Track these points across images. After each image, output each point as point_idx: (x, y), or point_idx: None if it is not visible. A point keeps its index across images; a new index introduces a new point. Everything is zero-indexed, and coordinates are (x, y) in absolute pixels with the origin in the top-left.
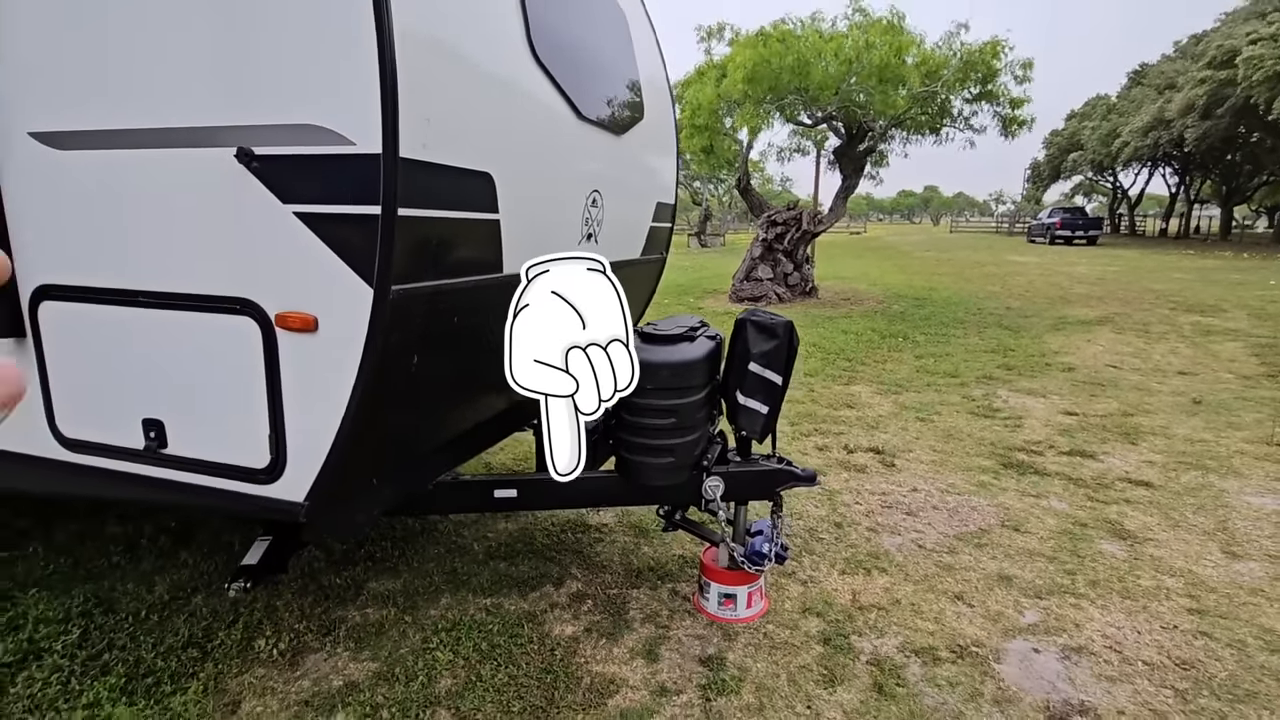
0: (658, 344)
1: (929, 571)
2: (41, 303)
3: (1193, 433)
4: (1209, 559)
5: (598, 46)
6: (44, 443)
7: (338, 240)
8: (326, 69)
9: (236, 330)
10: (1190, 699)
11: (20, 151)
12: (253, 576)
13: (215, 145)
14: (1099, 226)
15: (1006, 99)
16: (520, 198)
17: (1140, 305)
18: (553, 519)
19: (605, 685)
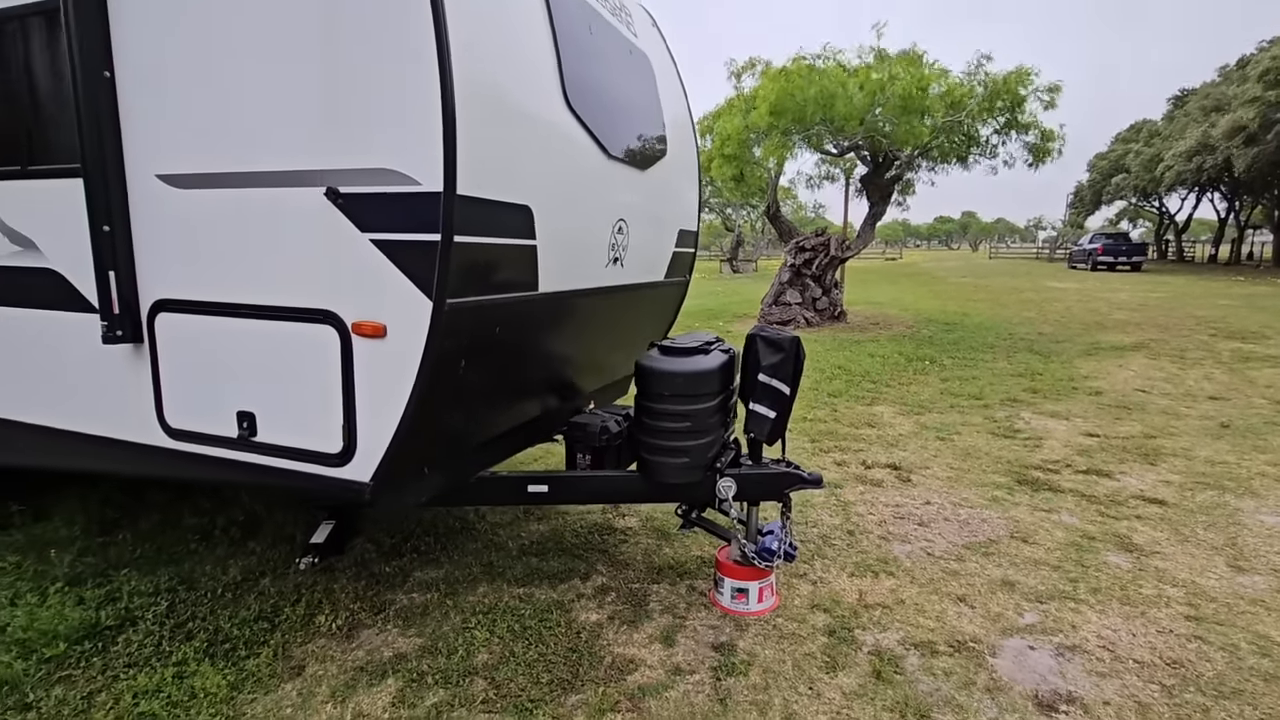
0: (675, 356)
1: (935, 576)
2: (158, 314)
3: (1215, 455)
4: (1213, 572)
5: (623, 91)
6: (153, 432)
7: (405, 262)
8: (400, 123)
9: (319, 336)
10: (1176, 694)
11: (147, 190)
12: (320, 553)
13: (308, 185)
14: (1143, 252)
15: (1036, 129)
16: (554, 226)
17: (1179, 331)
18: (581, 522)
19: (625, 664)
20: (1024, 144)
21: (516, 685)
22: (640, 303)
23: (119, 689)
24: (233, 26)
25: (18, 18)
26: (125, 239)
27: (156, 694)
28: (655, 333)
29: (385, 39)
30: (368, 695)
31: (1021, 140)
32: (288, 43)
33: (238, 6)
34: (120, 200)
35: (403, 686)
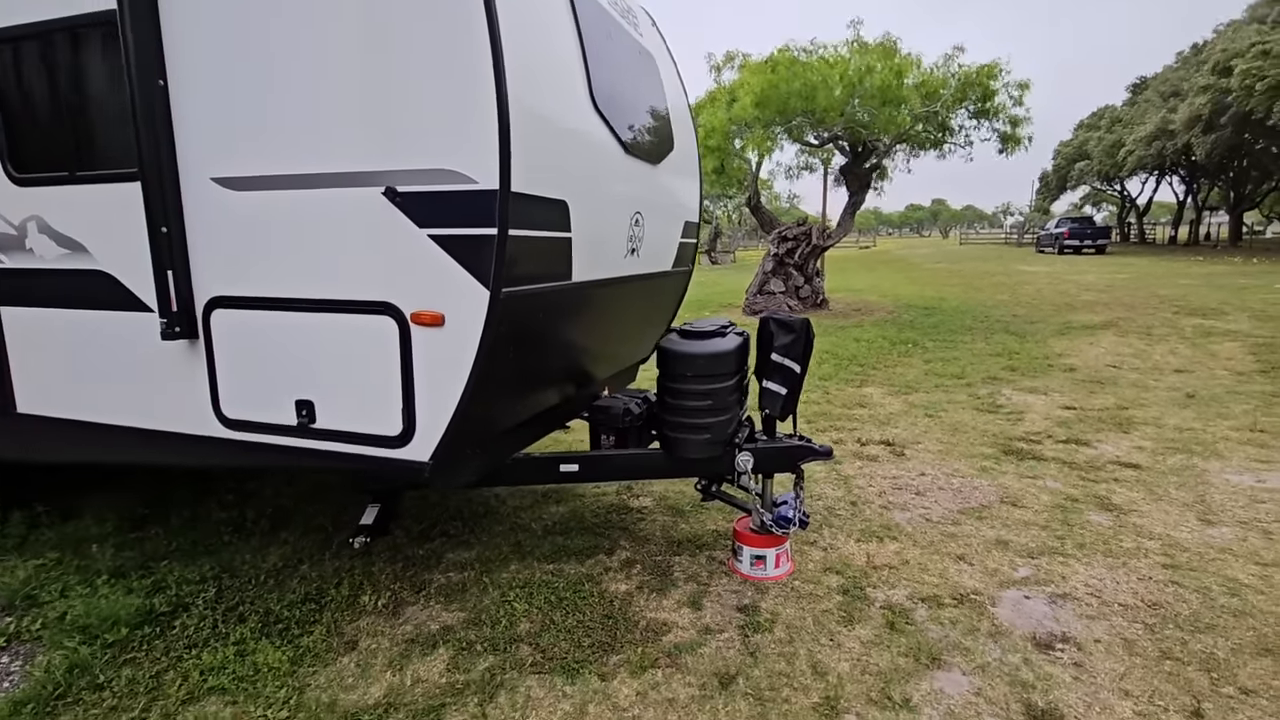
0: (695, 339)
1: (934, 538)
2: (214, 311)
3: (1183, 423)
4: (1186, 526)
5: (636, 89)
6: (210, 424)
7: (462, 254)
8: (458, 128)
9: (379, 327)
10: (1157, 630)
11: (202, 192)
12: (369, 533)
13: (367, 185)
14: (1107, 235)
15: (1005, 117)
16: (585, 219)
17: (1145, 310)
18: (598, 503)
19: (659, 627)
20: (994, 130)
21: (560, 649)
22: (651, 291)
23: (185, 667)
24: (287, 37)
25: (69, 29)
26: (181, 240)
27: (222, 670)
28: (664, 320)
29: (442, 48)
30: (422, 664)
31: (992, 127)
32: (343, 52)
33: (293, 20)
34: (175, 203)
35: (454, 655)
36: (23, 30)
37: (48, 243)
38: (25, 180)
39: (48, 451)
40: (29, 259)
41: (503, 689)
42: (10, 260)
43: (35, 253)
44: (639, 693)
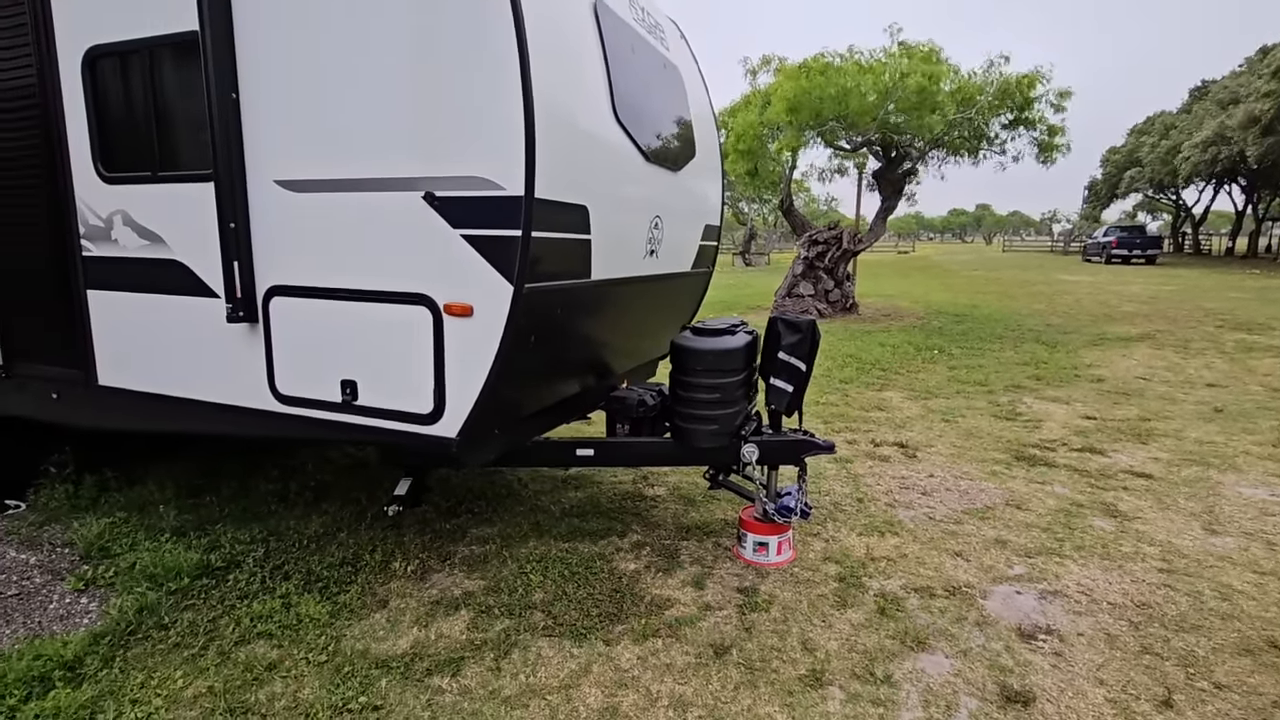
0: (706, 336)
1: (935, 535)
2: (272, 298)
3: (1205, 436)
4: (1189, 534)
5: (659, 101)
6: (265, 399)
7: (491, 252)
8: (489, 140)
9: (415, 316)
10: (1141, 628)
11: (267, 193)
12: (402, 503)
13: (409, 190)
14: (1158, 245)
15: (1043, 125)
16: (604, 222)
17: (1186, 323)
18: (614, 490)
19: (662, 602)
20: (1031, 139)
21: (570, 617)
22: (670, 290)
23: (237, 614)
24: (342, 58)
25: (157, 47)
26: (246, 234)
27: (269, 619)
28: (682, 318)
29: (478, 70)
30: (445, 622)
31: (1029, 136)
32: (389, 72)
33: (347, 43)
34: (243, 201)
35: (474, 616)
36: (116, 47)
37: (130, 234)
38: (113, 179)
39: (122, 420)
40: (114, 248)
41: (516, 648)
42: (98, 249)
43: (119, 243)
44: (639, 657)
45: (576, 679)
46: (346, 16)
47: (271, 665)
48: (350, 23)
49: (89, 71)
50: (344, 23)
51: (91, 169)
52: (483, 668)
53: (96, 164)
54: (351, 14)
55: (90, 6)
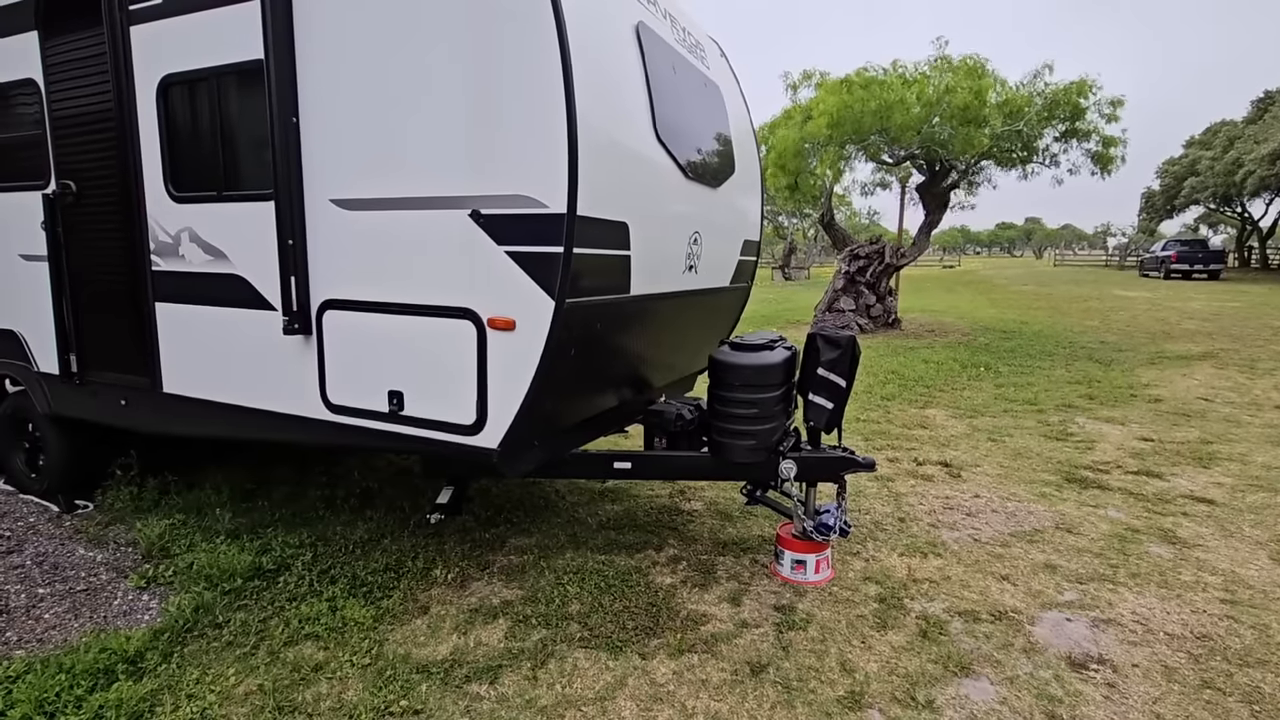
0: (745, 352)
1: (980, 558)
2: (325, 312)
3: (1273, 460)
4: (1255, 564)
5: (699, 119)
6: (317, 408)
7: (533, 269)
8: (534, 159)
9: (460, 329)
10: (1202, 661)
11: (323, 212)
12: (444, 511)
13: (456, 208)
14: (1221, 260)
15: (1098, 136)
16: (644, 238)
17: (1253, 342)
18: (651, 504)
19: (699, 618)
20: (1086, 152)
21: (606, 630)
22: (709, 305)
23: (287, 615)
24: (395, 83)
25: (223, 75)
26: (303, 250)
27: (317, 620)
28: (721, 333)
29: (523, 92)
30: (484, 630)
31: (1083, 148)
32: (440, 95)
33: (401, 69)
34: (300, 220)
35: (512, 625)
36: (186, 75)
37: (196, 250)
38: (182, 198)
39: (184, 426)
40: (180, 263)
41: (553, 658)
42: (166, 264)
43: (186, 258)
44: (675, 672)
45: (612, 691)
46: (401, 43)
47: (318, 666)
48: (404, 49)
49: (162, 98)
50: (398, 49)
51: (163, 189)
52: (520, 676)
53: (167, 184)
54: (406, 41)
55: (166, 37)
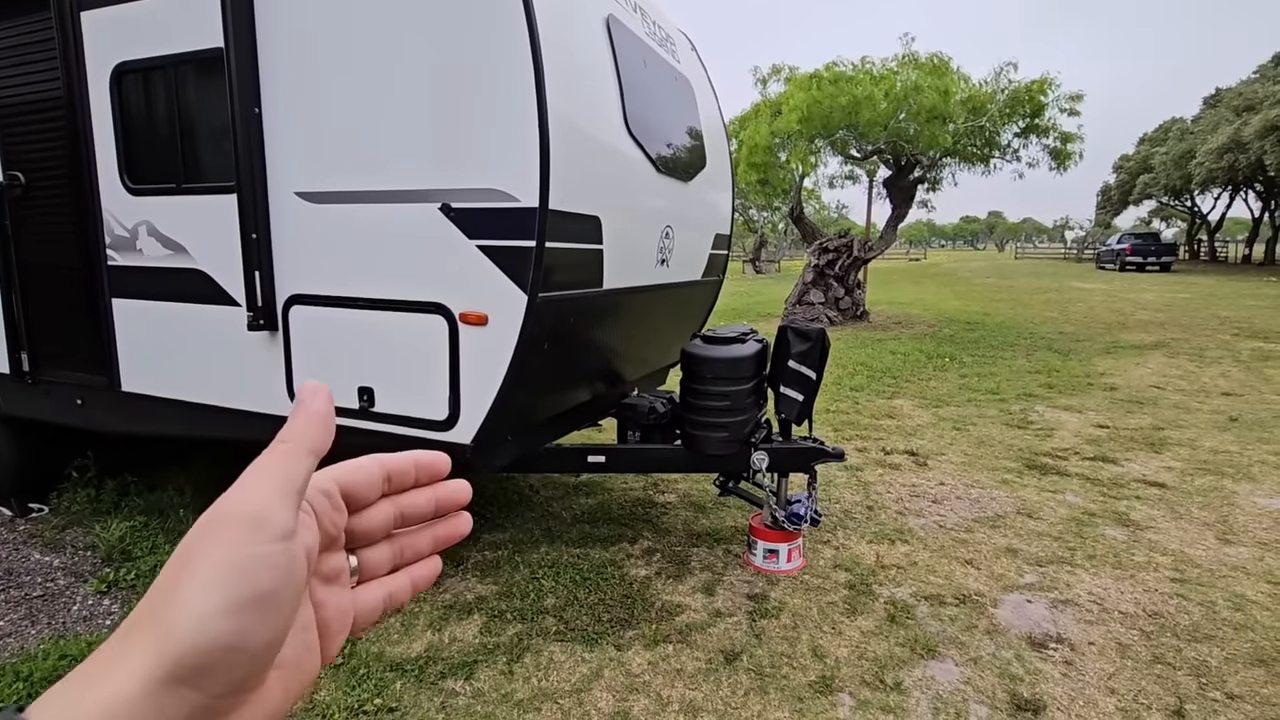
0: (716, 344)
1: (945, 544)
2: (292, 306)
3: (1219, 445)
4: (1202, 544)
5: (671, 114)
6: (284, 405)
7: (505, 263)
8: (504, 153)
9: (431, 324)
10: (1153, 637)
11: (287, 204)
12: None
13: (426, 201)
14: (1173, 252)
15: (1056, 133)
16: (616, 232)
17: (1201, 331)
18: (625, 497)
19: (673, 608)
20: (1044, 147)
21: (581, 622)
22: (681, 299)
23: None
24: (362, 73)
25: (182, 63)
26: (267, 244)
27: None
28: (693, 326)
29: (494, 85)
30: (459, 626)
31: (1042, 144)
32: (408, 87)
33: (367, 59)
34: (264, 213)
35: (486, 621)
36: (142, 63)
37: (155, 244)
38: (139, 190)
39: (144, 425)
40: (138, 258)
41: (528, 651)
42: (122, 259)
43: (144, 253)
44: (650, 663)
45: (588, 683)
46: (367, 34)
47: None
48: (371, 39)
49: (116, 87)
50: (365, 40)
51: (118, 180)
52: (495, 671)
53: (122, 176)
54: (372, 32)
55: (119, 24)
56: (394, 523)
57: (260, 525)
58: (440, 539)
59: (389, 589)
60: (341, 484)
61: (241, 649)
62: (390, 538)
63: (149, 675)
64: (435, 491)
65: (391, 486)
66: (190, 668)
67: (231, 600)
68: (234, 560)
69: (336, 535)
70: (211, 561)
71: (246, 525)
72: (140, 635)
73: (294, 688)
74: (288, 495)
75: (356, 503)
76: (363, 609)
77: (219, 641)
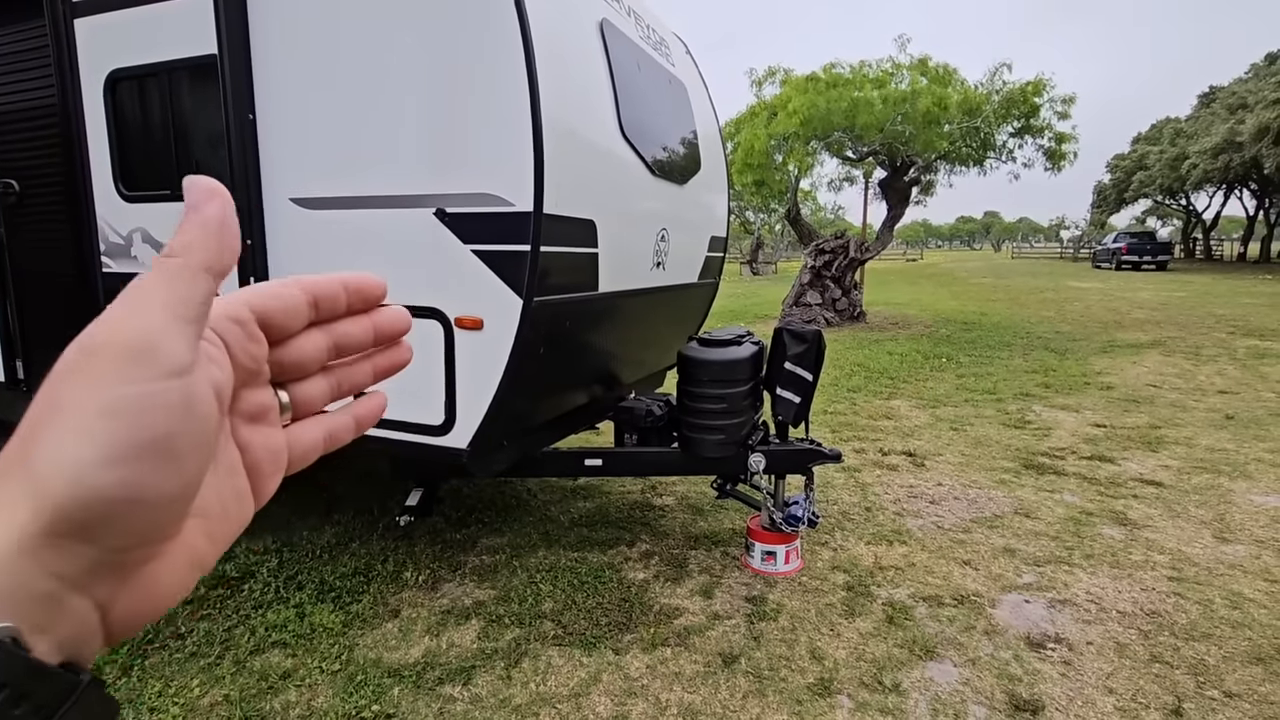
0: (713, 347)
1: (943, 544)
2: None
3: (1216, 443)
4: (1199, 542)
5: (665, 117)
6: None
7: (500, 267)
8: (498, 157)
9: (427, 329)
10: (1151, 636)
11: (282, 210)
12: (414, 513)
13: (420, 207)
14: (1168, 251)
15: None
16: (612, 236)
17: (1197, 330)
18: (622, 500)
19: (671, 611)
20: (1039, 148)
21: (579, 626)
22: (677, 302)
23: (253, 623)
24: (355, 80)
25: (176, 70)
26: (262, 250)
27: (284, 628)
28: (689, 328)
29: (487, 90)
30: (456, 632)
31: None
32: (402, 92)
33: (361, 65)
34: (259, 219)
35: (484, 626)
36: (135, 71)
37: (150, 251)
38: (134, 198)
39: None
40: (133, 264)
41: (526, 656)
42: (117, 265)
43: (139, 260)
44: (649, 666)
45: (586, 688)
46: (361, 40)
47: (286, 674)
48: (364, 46)
49: (110, 94)
50: (358, 46)
51: (112, 188)
52: (493, 676)
53: (117, 183)
54: (366, 38)
55: (113, 31)
56: (328, 354)
57: (145, 358)
58: (381, 369)
59: (328, 427)
60: (257, 310)
61: (138, 500)
62: (326, 370)
63: (24, 530)
64: (372, 319)
65: (319, 314)
66: (76, 522)
67: (115, 448)
68: (117, 398)
69: (257, 369)
70: (88, 400)
71: (128, 358)
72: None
73: (222, 534)
74: (181, 321)
75: (278, 332)
76: (298, 448)
77: (103, 494)
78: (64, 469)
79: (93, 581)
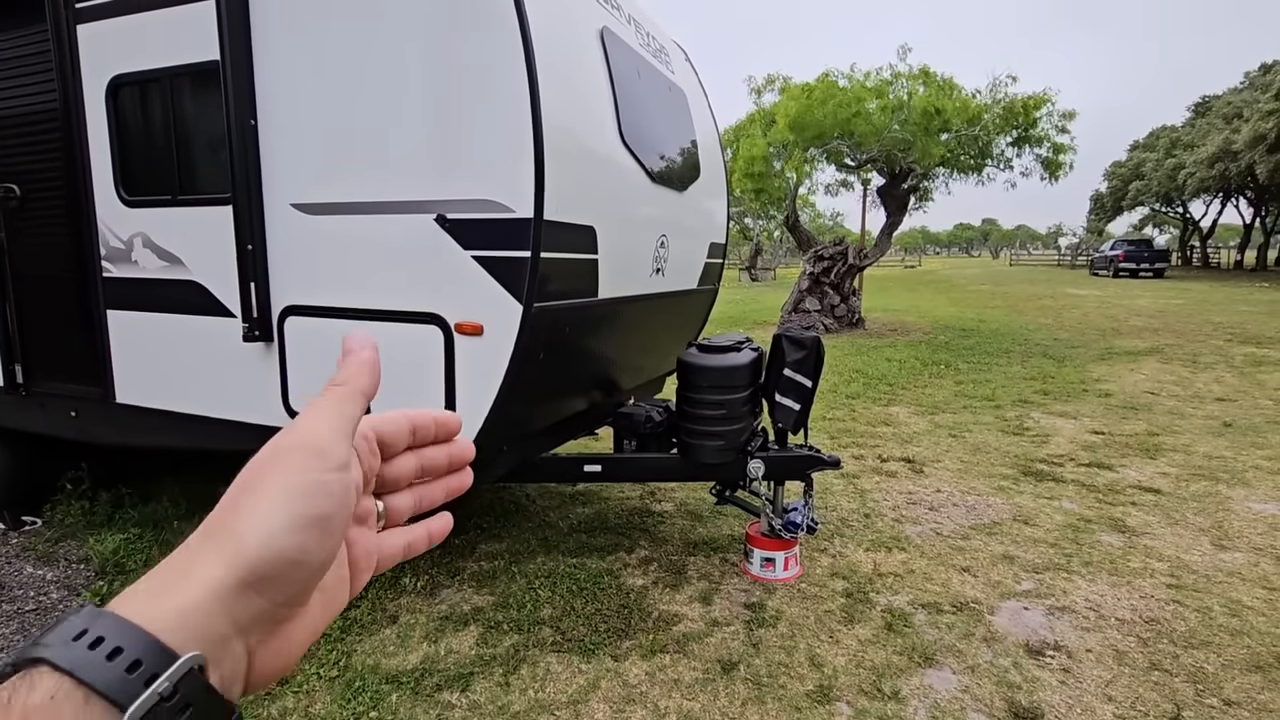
0: (712, 353)
1: (942, 551)
2: (287, 318)
3: (1214, 450)
4: (1198, 549)
5: (665, 124)
6: (279, 416)
7: (501, 273)
8: (499, 164)
9: (427, 334)
10: (1150, 644)
11: (283, 216)
12: None
13: (421, 213)
14: (1166, 259)
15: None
16: (611, 242)
17: (1195, 337)
18: (621, 506)
19: (670, 618)
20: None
21: (578, 633)
22: (677, 308)
23: None
24: (357, 86)
25: (177, 76)
26: (263, 256)
27: None
28: (689, 335)
29: (489, 97)
30: (455, 638)
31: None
32: (403, 99)
33: (363, 72)
34: (260, 224)
35: (483, 632)
36: (137, 76)
37: (150, 256)
38: (134, 202)
39: (139, 437)
40: (134, 269)
41: (525, 663)
42: (118, 270)
43: (139, 264)
44: (648, 673)
45: (585, 694)
46: (364, 46)
47: (283, 680)
48: (367, 52)
49: (112, 100)
50: (361, 52)
51: (113, 192)
52: (492, 683)
53: (118, 188)
54: (368, 43)
55: (115, 37)
56: (416, 473)
57: (322, 455)
58: (451, 489)
59: (408, 538)
60: (377, 432)
61: (303, 563)
62: (411, 487)
63: (221, 583)
64: (449, 448)
65: (415, 439)
66: (260, 575)
67: (297, 518)
68: (300, 483)
69: (370, 479)
70: (279, 483)
71: (311, 454)
72: (205, 552)
73: (329, 612)
74: (344, 431)
75: (387, 450)
76: (385, 553)
77: (284, 554)
78: (260, 531)
79: (253, 628)
